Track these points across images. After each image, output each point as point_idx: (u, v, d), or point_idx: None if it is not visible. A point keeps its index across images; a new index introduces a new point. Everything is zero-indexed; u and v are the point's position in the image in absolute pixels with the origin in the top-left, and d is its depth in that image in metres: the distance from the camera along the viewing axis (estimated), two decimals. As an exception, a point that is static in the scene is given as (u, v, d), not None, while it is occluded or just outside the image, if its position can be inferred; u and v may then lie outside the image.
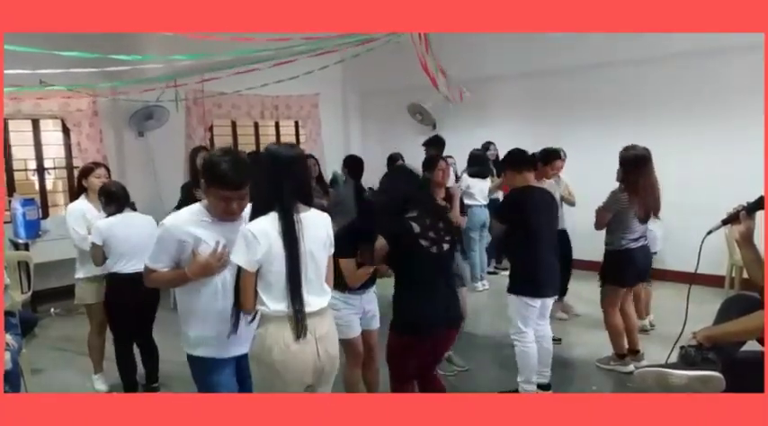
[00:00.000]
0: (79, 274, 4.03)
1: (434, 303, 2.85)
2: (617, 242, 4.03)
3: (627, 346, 4.23)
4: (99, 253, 3.73)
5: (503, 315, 4.07)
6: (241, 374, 2.57)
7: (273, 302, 2.24)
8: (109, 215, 3.76)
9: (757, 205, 2.18)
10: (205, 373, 2.51)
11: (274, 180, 2.29)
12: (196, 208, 2.46)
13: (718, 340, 2.07)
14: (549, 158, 4.97)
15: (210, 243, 2.38)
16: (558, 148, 5.17)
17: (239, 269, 2.27)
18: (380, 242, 2.87)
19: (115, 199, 3.76)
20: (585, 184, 5.36)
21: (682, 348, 2.12)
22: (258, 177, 2.35)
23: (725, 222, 2.24)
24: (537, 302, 3.63)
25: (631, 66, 6.40)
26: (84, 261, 3.99)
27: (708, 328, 2.17)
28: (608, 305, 4.15)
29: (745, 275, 5.66)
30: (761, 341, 2.16)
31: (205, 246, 2.37)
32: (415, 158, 6.65)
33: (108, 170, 4.20)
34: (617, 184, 5.06)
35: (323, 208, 2.50)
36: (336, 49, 4.54)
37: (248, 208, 2.44)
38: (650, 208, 4.04)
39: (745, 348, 2.24)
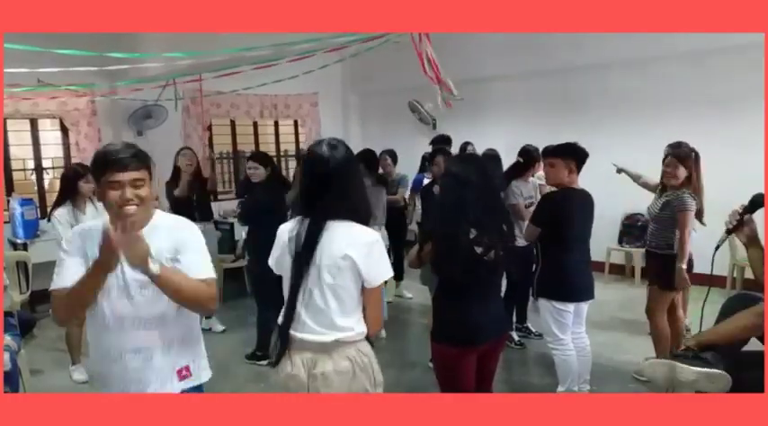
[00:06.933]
0: None
1: (482, 311, 2.60)
2: (676, 245, 3.73)
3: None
4: None
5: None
6: None
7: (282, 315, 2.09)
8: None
9: (752, 206, 2.21)
10: None
11: (309, 183, 2.07)
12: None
13: (708, 343, 2.08)
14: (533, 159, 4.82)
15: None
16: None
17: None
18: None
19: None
20: (583, 184, 5.34)
21: (671, 353, 2.15)
22: (301, 179, 2.16)
23: (729, 232, 2.26)
24: (570, 307, 3.46)
25: (631, 67, 6.39)
26: None
27: (698, 334, 2.20)
28: (657, 309, 3.92)
29: (747, 275, 5.67)
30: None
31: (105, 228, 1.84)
32: (414, 157, 6.68)
33: None
34: (616, 184, 5.07)
35: None
36: (338, 48, 4.53)
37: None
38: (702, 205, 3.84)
39: (746, 348, 2.25)
